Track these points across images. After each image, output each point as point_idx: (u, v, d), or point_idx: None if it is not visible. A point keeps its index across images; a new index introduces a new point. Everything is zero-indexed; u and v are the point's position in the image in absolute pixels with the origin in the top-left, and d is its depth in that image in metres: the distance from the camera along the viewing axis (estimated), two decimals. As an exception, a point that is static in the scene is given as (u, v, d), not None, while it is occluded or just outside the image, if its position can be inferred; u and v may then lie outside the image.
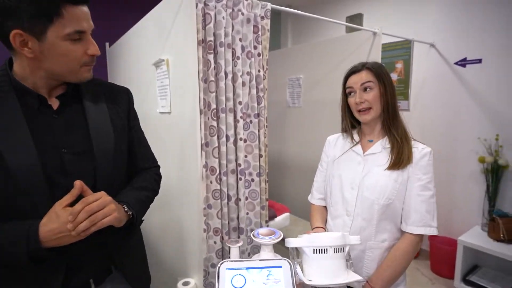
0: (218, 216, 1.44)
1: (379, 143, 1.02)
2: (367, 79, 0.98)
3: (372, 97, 0.98)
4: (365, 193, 0.97)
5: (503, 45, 2.07)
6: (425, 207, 0.93)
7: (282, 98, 2.88)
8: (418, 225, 0.93)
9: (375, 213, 0.96)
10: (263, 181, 1.56)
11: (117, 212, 0.77)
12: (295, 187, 2.84)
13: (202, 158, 1.37)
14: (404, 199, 0.96)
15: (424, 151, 0.95)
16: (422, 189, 0.94)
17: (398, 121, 1.00)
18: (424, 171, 0.94)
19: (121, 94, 0.99)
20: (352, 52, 2.17)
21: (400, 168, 0.93)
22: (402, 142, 0.96)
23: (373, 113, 0.99)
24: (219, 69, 1.39)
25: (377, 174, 0.97)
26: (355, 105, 1.01)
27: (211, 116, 1.39)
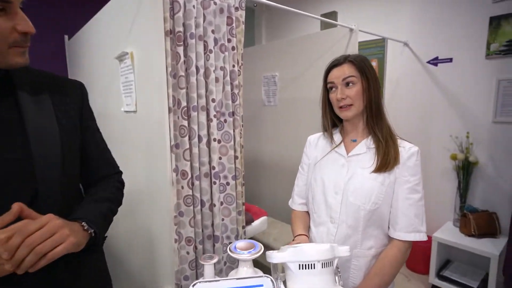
0: (190, 224, 1.32)
1: (363, 143, 0.95)
2: (350, 73, 0.91)
3: (354, 93, 0.91)
4: (350, 198, 0.90)
5: (472, 45, 2.12)
6: (414, 211, 0.88)
7: (257, 97, 2.79)
8: (407, 231, 0.87)
9: (361, 219, 0.89)
10: (239, 185, 1.46)
11: (73, 236, 0.63)
12: (272, 188, 2.76)
13: (172, 161, 1.24)
14: (392, 203, 0.90)
15: (412, 151, 0.90)
16: (410, 191, 0.88)
17: (383, 119, 0.94)
18: (412, 172, 0.89)
19: (71, 88, 0.84)
20: (328, 49, 2.12)
21: (386, 171, 0.87)
22: (388, 142, 0.90)
23: (355, 110, 0.92)
24: (189, 63, 1.27)
25: (362, 177, 0.90)
26: (336, 101, 0.94)
27: (181, 114, 1.26)
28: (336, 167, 0.95)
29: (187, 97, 1.30)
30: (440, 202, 2.31)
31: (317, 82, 2.30)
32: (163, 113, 1.21)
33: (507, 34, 1.98)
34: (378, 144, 0.91)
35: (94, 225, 0.73)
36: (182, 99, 1.25)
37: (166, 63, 1.20)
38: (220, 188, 1.42)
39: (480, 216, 2.07)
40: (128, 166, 1.60)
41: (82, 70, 2.19)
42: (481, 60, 2.09)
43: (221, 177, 1.42)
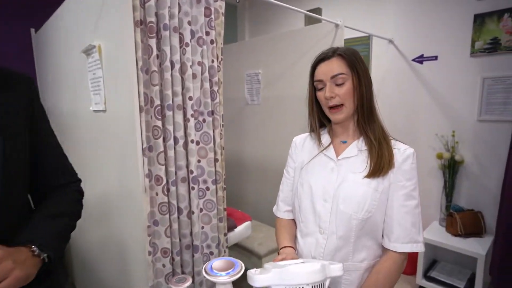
0: (166, 234, 1.21)
1: (354, 145, 0.86)
2: (339, 70, 0.81)
3: (344, 91, 0.82)
4: (340, 206, 0.81)
5: (457, 43, 2.10)
6: (410, 220, 0.80)
7: (240, 95, 2.68)
8: (403, 242, 0.80)
9: (353, 229, 0.81)
10: (220, 189, 1.36)
11: (18, 268, 0.53)
12: (256, 190, 2.66)
13: (144, 166, 1.12)
14: (386, 211, 0.82)
15: (407, 153, 0.82)
16: (406, 198, 0.80)
17: (375, 119, 0.85)
18: (407, 176, 0.81)
19: (17, 83, 0.71)
20: (313, 45, 2.05)
21: (380, 175, 0.79)
22: (381, 144, 0.82)
23: (346, 111, 0.84)
24: (163, 58, 1.15)
25: (354, 182, 0.81)
26: (325, 100, 0.85)
27: (154, 114, 1.14)
28: (325, 172, 0.87)
29: (161, 95, 1.18)
30: (426, 201, 2.28)
31: (302, 80, 2.21)
32: (133, 113, 1.09)
33: (491, 32, 1.96)
34: (370, 147, 0.82)
35: (47, 248, 0.62)
36: (155, 97, 1.13)
37: (136, 56, 1.08)
38: (199, 194, 1.31)
39: (466, 216, 2.05)
40: (99, 171, 1.46)
41: (50, 66, 2.01)
42: (466, 58, 2.07)
43: (200, 181, 1.31)
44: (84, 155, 1.60)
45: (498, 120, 1.98)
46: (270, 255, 1.99)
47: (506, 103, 1.95)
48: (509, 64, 1.93)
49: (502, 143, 1.95)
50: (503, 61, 1.95)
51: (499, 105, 1.98)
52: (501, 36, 1.94)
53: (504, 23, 1.93)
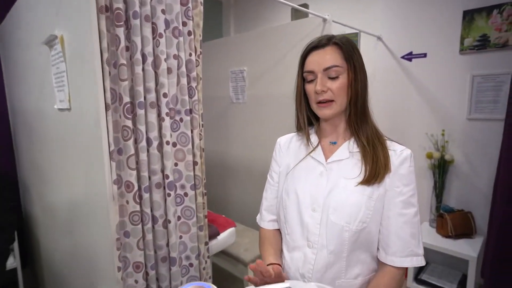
0: (139, 246, 1.08)
1: (345, 146, 0.77)
2: (334, 62, 0.71)
3: (338, 86, 0.72)
4: (331, 216, 0.72)
5: (446, 40, 2.05)
6: (409, 230, 0.71)
7: (224, 93, 2.57)
8: (402, 255, 0.71)
9: (345, 242, 0.71)
10: (199, 195, 1.24)
11: None
12: (241, 192, 2.55)
13: (112, 171, 0.99)
14: (381, 220, 0.73)
15: (404, 155, 0.73)
16: (404, 206, 0.72)
17: (368, 120, 0.76)
18: (405, 181, 0.72)
19: None
20: (300, 40, 1.95)
21: (376, 182, 0.70)
22: (375, 147, 0.72)
23: (336, 107, 0.74)
24: (133, 50, 1.03)
25: (346, 189, 0.72)
26: (314, 94, 0.75)
27: (123, 113, 1.02)
28: (313, 177, 0.77)
29: (132, 91, 1.05)
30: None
31: (289, 77, 2.12)
32: (98, 111, 0.96)
33: (481, 29, 1.92)
34: (364, 150, 0.73)
35: None
36: (124, 93, 1.01)
37: (101, 47, 0.95)
38: (177, 201, 1.19)
39: (456, 216, 2.01)
40: (66, 175, 1.32)
41: (15, 61, 1.85)
42: (455, 55, 2.02)
43: (177, 187, 1.19)
44: (52, 158, 1.45)
45: (488, 118, 1.94)
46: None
47: (496, 101, 1.91)
48: (498, 61, 1.89)
49: (492, 142, 1.91)
50: (492, 59, 1.91)
51: (488, 103, 1.94)
52: (490, 33, 1.90)
53: (493, 20, 1.89)
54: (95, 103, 0.96)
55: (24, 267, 2.11)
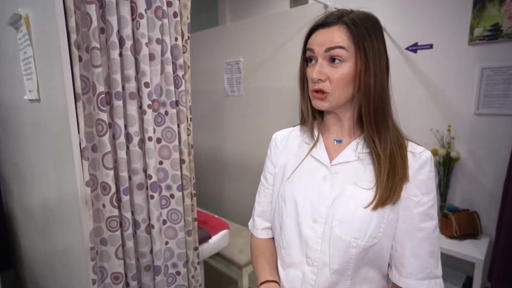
0: (118, 255, 0.96)
1: (352, 146, 0.64)
2: (339, 42, 0.58)
3: (339, 77, 0.59)
4: (335, 229, 0.60)
5: (454, 30, 1.92)
6: (428, 248, 0.60)
7: (219, 86, 2.43)
8: (419, 278, 0.59)
9: (351, 260, 0.59)
10: (188, 196, 1.12)
11: None
12: (236, 190, 2.44)
13: (84, 171, 0.87)
14: (395, 235, 0.61)
15: (423, 158, 0.61)
16: (423, 218, 0.60)
17: (389, 125, 0.63)
18: (424, 189, 0.60)
19: None
20: (299, 29, 1.82)
21: (391, 203, 0.58)
22: (394, 158, 0.60)
23: (333, 101, 0.61)
24: (109, 31, 0.90)
25: (354, 197, 0.60)
26: (311, 81, 0.63)
27: (97, 104, 0.89)
28: (315, 181, 0.64)
29: (108, 79, 0.92)
30: (418, 201, 2.13)
31: (288, 69, 1.98)
32: (67, 102, 0.83)
33: (492, 18, 1.79)
34: (378, 160, 0.60)
35: None
36: (98, 82, 0.88)
37: (68, 28, 0.81)
38: (162, 203, 1.07)
39: (461, 216, 1.91)
40: (38, 175, 1.19)
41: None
42: (464, 46, 1.90)
43: (162, 188, 1.07)
44: (27, 155, 1.32)
45: (497, 113, 1.83)
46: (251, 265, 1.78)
47: (506, 96, 1.80)
48: (510, 52, 1.77)
49: (501, 138, 1.80)
50: (504, 50, 1.79)
51: (498, 98, 1.82)
52: (503, 22, 1.77)
53: (506, 8, 1.76)
54: (63, 93, 0.83)
55: (8, 267, 2.02)
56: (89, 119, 0.89)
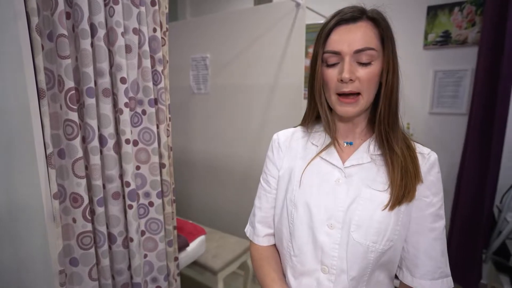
0: (91, 275, 0.84)
1: (364, 148, 0.63)
2: (369, 43, 0.55)
3: (369, 76, 0.56)
4: (353, 234, 0.58)
5: (411, 34, 2.07)
6: (440, 248, 0.61)
7: (184, 83, 2.30)
8: (433, 278, 0.60)
9: (369, 265, 0.58)
10: (168, 203, 1.02)
11: None
12: (204, 192, 2.34)
13: (51, 181, 0.73)
14: (407, 237, 0.61)
15: (432, 159, 0.62)
16: (434, 219, 0.61)
17: (399, 120, 0.62)
18: (434, 189, 0.61)
19: None
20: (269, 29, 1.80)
21: (408, 200, 0.58)
22: (405, 155, 0.60)
23: (362, 104, 0.59)
24: (78, 18, 0.77)
25: (372, 201, 0.59)
26: (336, 83, 0.58)
27: (65, 102, 0.76)
28: (328, 185, 0.62)
29: (77, 73, 0.79)
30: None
31: (257, 67, 1.95)
32: (27, 99, 0.69)
33: (443, 25, 1.97)
34: (391, 158, 0.59)
35: None
36: (66, 76, 0.75)
37: (28, 9, 0.67)
38: (140, 212, 0.96)
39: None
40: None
41: None
42: (419, 50, 2.06)
43: (140, 195, 0.96)
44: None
45: (448, 113, 2.01)
46: (227, 268, 1.72)
47: (455, 96, 1.99)
48: (458, 58, 1.96)
49: (453, 136, 1.99)
50: (453, 55, 1.97)
51: (449, 98, 2.00)
52: (452, 29, 1.95)
53: (454, 17, 1.94)
54: (22, 88, 0.69)
55: None
56: (55, 119, 0.75)
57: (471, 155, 1.68)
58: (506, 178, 1.74)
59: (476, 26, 1.87)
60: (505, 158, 1.65)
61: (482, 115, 1.64)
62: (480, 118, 1.65)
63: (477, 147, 1.65)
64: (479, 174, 1.63)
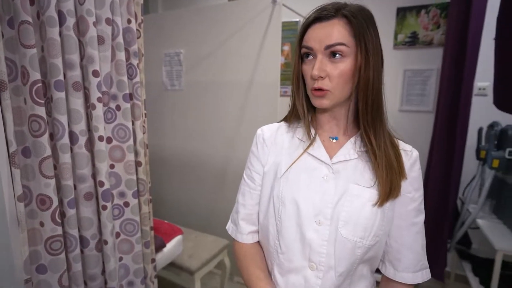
0: (62, 283, 0.78)
1: (350, 144, 0.64)
2: (340, 39, 0.56)
3: (340, 72, 0.57)
4: (341, 230, 0.58)
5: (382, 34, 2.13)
6: (421, 242, 0.63)
7: (156, 79, 2.22)
8: (415, 270, 0.62)
9: (356, 261, 0.59)
10: (145, 203, 0.98)
11: None
12: (177, 190, 2.28)
13: (15, 182, 0.67)
14: (390, 232, 0.63)
15: (414, 156, 0.64)
16: (416, 214, 0.63)
17: (382, 117, 0.62)
18: (416, 185, 0.63)
19: None
20: (244, 24, 1.78)
21: (394, 196, 0.59)
22: (388, 153, 0.61)
23: (333, 98, 0.60)
24: (44, 4, 0.70)
25: (359, 197, 0.60)
26: (310, 79, 0.60)
27: (31, 95, 0.69)
28: (316, 182, 0.62)
29: (43, 64, 0.73)
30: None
31: (232, 64, 1.93)
32: (-14, 92, 0.62)
33: (411, 26, 2.06)
34: (374, 155, 0.60)
35: None
36: (31, 67, 0.68)
37: (-13, -8, 0.61)
38: (114, 213, 0.91)
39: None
40: None
41: None
42: (390, 49, 2.14)
43: (114, 195, 0.91)
44: None
45: (416, 110, 2.11)
46: (204, 268, 1.69)
47: (423, 95, 2.09)
48: (425, 58, 2.06)
49: (421, 133, 2.09)
50: (420, 55, 2.08)
51: (417, 96, 2.11)
52: (419, 31, 2.05)
53: (421, 19, 2.04)
54: (-20, 80, 0.62)
55: None
56: (19, 114, 0.69)
57: (437, 150, 1.78)
58: (468, 172, 1.87)
59: (441, 29, 1.98)
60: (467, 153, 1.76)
61: (447, 113, 1.73)
62: (445, 115, 1.75)
63: (442, 143, 1.75)
64: (444, 168, 1.73)
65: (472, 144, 1.84)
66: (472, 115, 1.75)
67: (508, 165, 1.33)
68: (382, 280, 0.67)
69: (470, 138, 1.81)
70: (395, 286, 0.63)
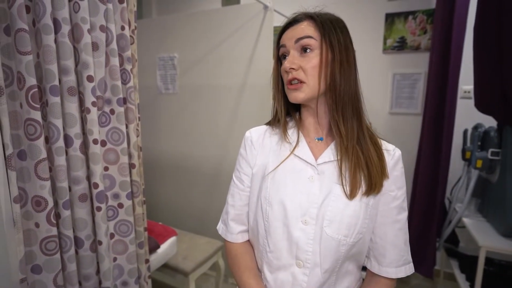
0: (57, 283, 0.80)
1: (333, 145, 0.67)
2: (307, 32, 0.61)
3: (311, 65, 0.61)
4: (326, 229, 0.61)
5: (371, 39, 2.21)
6: (403, 238, 0.67)
7: (151, 83, 2.25)
8: (398, 265, 0.66)
9: (340, 258, 0.62)
10: (138, 204, 1.01)
11: None
12: (171, 192, 2.30)
13: (11, 184, 0.69)
14: (375, 229, 0.66)
15: (396, 156, 0.67)
16: (399, 211, 0.66)
17: (354, 112, 0.64)
18: (399, 184, 0.66)
19: None
20: (237, 29, 1.82)
21: (375, 192, 0.63)
22: (365, 149, 0.63)
23: (308, 91, 0.63)
24: (39, 12, 0.73)
25: (341, 197, 0.63)
26: (285, 74, 0.64)
27: (27, 100, 0.72)
28: (302, 182, 0.65)
29: (39, 71, 0.75)
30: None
31: (225, 68, 1.97)
32: (-16, 97, 0.65)
33: (400, 31, 2.12)
34: (348, 153, 0.63)
35: None
36: (27, 72, 0.71)
37: (-15, 1, 0.63)
38: (108, 214, 0.93)
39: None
40: None
41: None
42: (379, 54, 2.19)
43: (109, 197, 0.93)
44: None
45: (405, 113, 2.17)
46: (198, 269, 1.71)
47: (411, 98, 2.15)
48: (413, 62, 2.12)
49: (410, 134, 2.14)
50: (408, 59, 2.13)
51: (406, 99, 2.16)
52: (407, 36, 2.11)
53: (409, 24, 2.10)
54: (-22, 85, 0.65)
55: None
56: (15, 118, 0.71)
57: (425, 151, 1.83)
58: (455, 172, 1.92)
59: (428, 34, 2.04)
60: (453, 153, 1.81)
61: (434, 115, 1.79)
62: (432, 118, 1.80)
63: (430, 144, 1.80)
64: (432, 168, 1.78)
65: (459, 145, 1.90)
66: (457, 117, 1.81)
67: (491, 165, 1.38)
68: (367, 275, 0.70)
69: (456, 140, 1.87)
70: (380, 280, 0.67)
